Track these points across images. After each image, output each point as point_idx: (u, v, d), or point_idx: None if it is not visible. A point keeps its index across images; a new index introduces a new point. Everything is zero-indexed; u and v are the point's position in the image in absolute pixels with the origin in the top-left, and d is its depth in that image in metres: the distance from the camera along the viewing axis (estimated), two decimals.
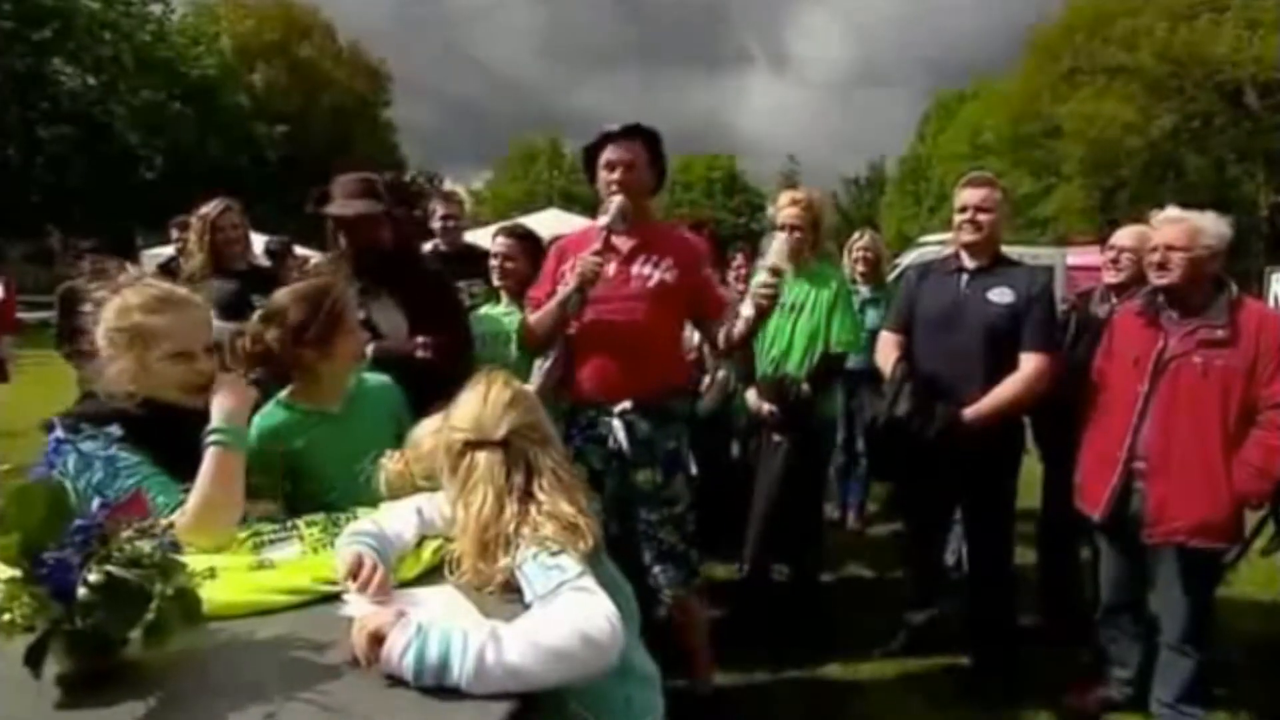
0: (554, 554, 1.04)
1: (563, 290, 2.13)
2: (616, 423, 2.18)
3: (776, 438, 2.79)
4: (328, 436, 1.65)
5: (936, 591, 2.95)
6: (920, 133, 36.12)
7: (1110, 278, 2.83)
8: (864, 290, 4.15)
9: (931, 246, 8.71)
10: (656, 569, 2.21)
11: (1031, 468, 2.95)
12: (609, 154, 2.18)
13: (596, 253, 2.10)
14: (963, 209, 2.53)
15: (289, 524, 1.35)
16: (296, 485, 1.63)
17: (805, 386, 2.75)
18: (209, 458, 1.28)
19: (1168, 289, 2.18)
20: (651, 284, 2.17)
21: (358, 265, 2.30)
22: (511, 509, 1.11)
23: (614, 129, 2.19)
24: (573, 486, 1.17)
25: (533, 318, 2.26)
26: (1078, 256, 8.64)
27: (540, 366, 2.69)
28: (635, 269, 2.19)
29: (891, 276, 5.62)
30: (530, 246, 2.90)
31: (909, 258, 8.79)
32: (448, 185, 39.84)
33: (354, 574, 1.08)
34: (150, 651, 0.84)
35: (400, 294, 2.39)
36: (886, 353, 2.70)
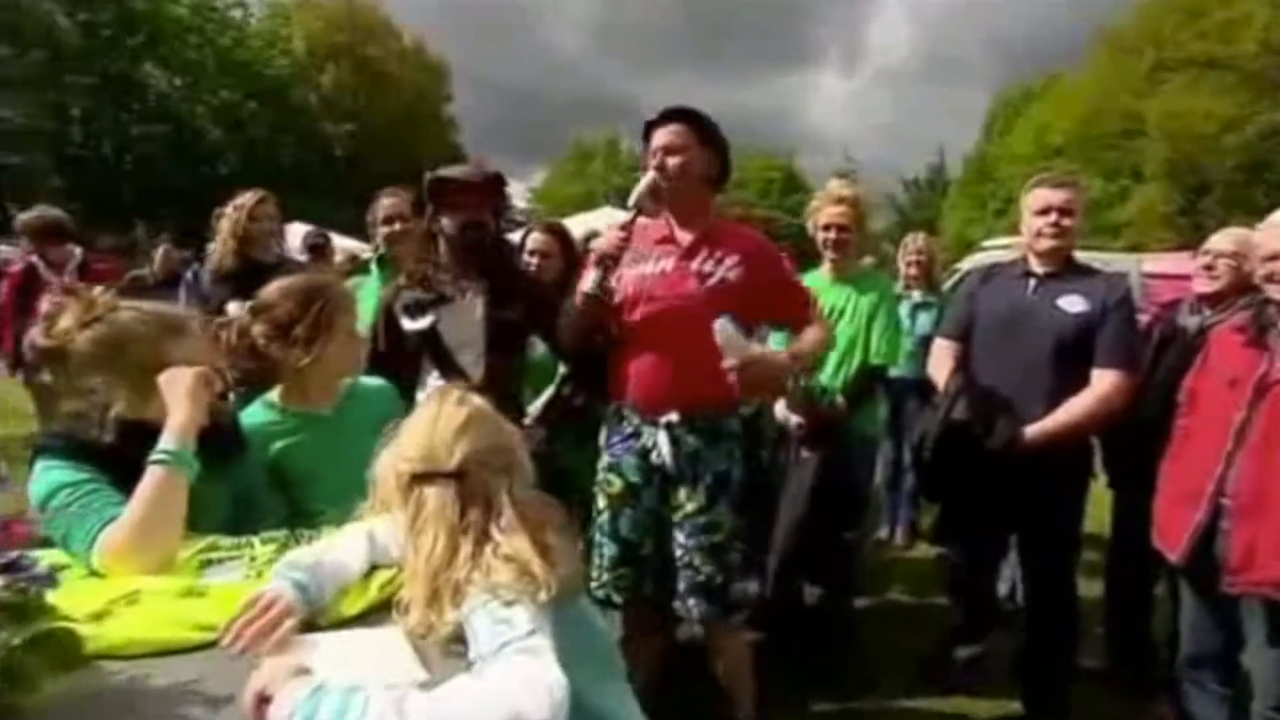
0: (507, 604, 0.89)
1: (586, 276, 1.94)
2: (662, 435, 1.98)
3: (805, 452, 2.59)
4: (315, 441, 1.54)
5: (987, 624, 2.72)
6: (987, 131, 34.74)
7: (1202, 286, 2.53)
8: (916, 295, 3.94)
9: (996, 252, 8.21)
10: (690, 601, 2.01)
11: (1101, 493, 2.67)
12: (654, 141, 2.00)
13: (623, 230, 1.94)
14: (1044, 210, 2.29)
15: (245, 540, 1.23)
16: (282, 491, 1.52)
17: (839, 399, 2.54)
18: (148, 476, 1.18)
19: None
20: (710, 282, 1.96)
21: (461, 254, 2.12)
22: (466, 550, 0.95)
23: (655, 117, 2.02)
24: (540, 522, 1.00)
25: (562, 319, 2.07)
26: (1156, 264, 7.97)
27: None
28: (694, 265, 1.98)
29: (951, 282, 5.32)
30: (565, 244, 2.80)
31: (970, 262, 8.33)
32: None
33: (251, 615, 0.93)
34: (20, 700, 0.72)
35: (501, 294, 2.16)
36: (941, 362, 2.47)
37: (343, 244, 5.29)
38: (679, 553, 2.01)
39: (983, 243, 12.26)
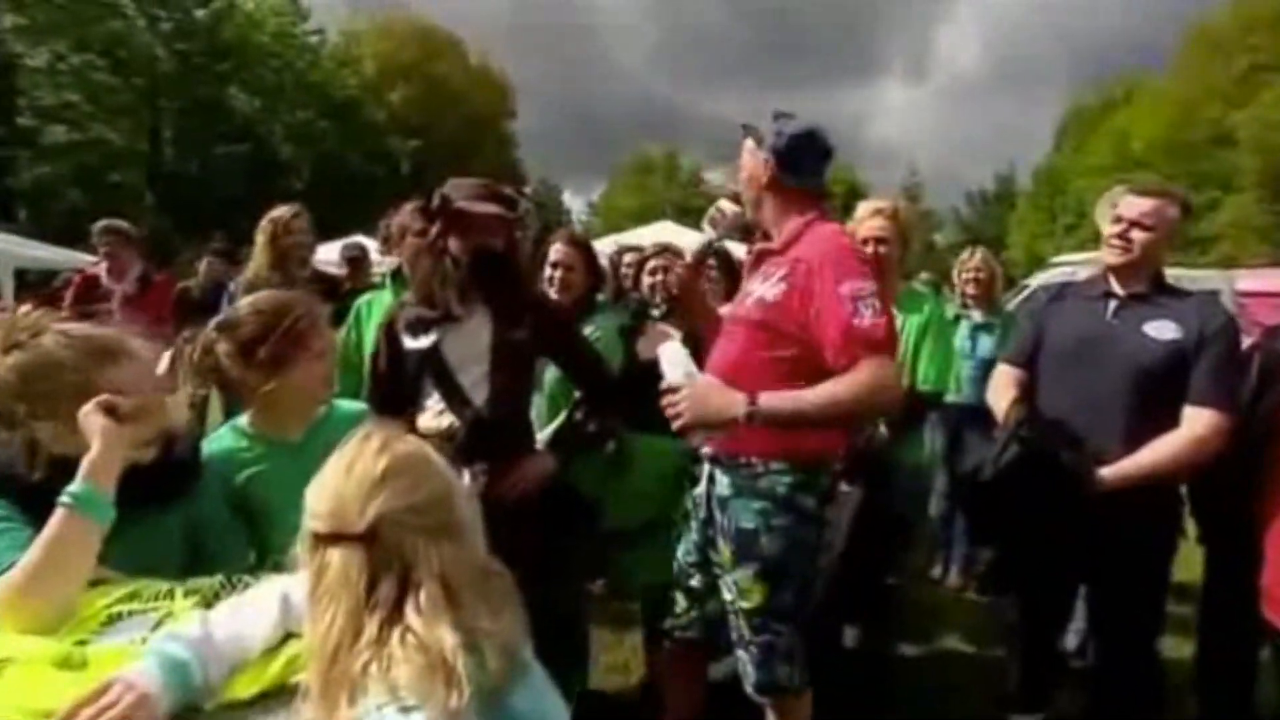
0: (405, 710, 0.72)
1: None
2: (706, 469, 1.85)
3: (845, 486, 2.37)
4: (278, 471, 1.41)
5: (1051, 684, 2.41)
6: (1058, 141, 33.25)
7: None
8: (976, 315, 3.63)
9: (1069, 267, 7.63)
10: (739, 652, 1.85)
11: (1190, 550, 2.34)
12: None
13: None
14: (1117, 219, 2.04)
15: (167, 589, 1.08)
16: (249, 526, 1.41)
17: (882, 428, 2.32)
18: (52, 519, 1.06)
19: None
20: (749, 303, 1.78)
21: (468, 277, 1.98)
22: (370, 632, 0.78)
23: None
24: (477, 599, 0.83)
25: None
26: (1252, 280, 7.10)
27: None
28: (751, 284, 1.82)
29: (1018, 299, 4.97)
30: (588, 257, 2.66)
31: (1041, 279, 7.81)
32: (567, 197, 40.93)
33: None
34: None
35: (508, 314, 2.02)
36: (1001, 390, 2.22)
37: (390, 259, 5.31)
38: (725, 598, 1.87)
39: (1054, 258, 11.60)
